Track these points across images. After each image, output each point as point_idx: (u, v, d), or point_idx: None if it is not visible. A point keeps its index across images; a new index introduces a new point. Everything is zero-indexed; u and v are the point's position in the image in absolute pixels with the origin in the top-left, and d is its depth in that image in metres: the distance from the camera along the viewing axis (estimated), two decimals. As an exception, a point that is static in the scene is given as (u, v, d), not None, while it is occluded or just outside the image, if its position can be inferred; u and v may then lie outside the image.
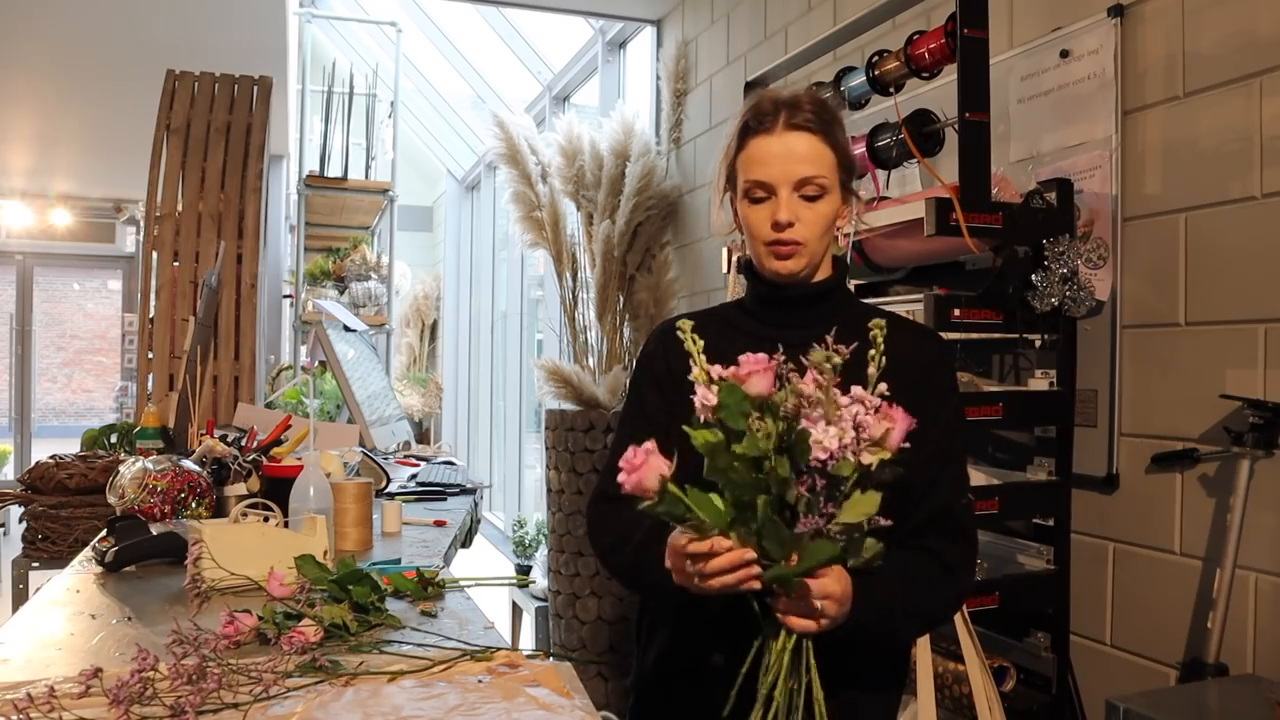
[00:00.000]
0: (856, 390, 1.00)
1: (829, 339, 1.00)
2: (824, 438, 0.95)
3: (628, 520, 1.21)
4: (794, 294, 1.27)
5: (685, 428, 0.99)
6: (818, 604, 1.01)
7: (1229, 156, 1.69)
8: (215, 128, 3.89)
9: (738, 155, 1.25)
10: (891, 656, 1.27)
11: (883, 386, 1.01)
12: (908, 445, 0.99)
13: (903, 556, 1.14)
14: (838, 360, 0.98)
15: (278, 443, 2.32)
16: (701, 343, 1.03)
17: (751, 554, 1.00)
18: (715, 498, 0.99)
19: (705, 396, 0.98)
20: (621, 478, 0.97)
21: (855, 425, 0.97)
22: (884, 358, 1.03)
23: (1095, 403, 1.92)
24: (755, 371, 0.97)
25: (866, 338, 1.19)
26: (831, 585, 1.01)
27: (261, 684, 1.04)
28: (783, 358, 1.00)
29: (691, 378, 1.01)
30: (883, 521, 0.99)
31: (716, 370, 1.00)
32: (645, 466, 0.96)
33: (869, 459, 0.96)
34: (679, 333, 1.04)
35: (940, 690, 1.77)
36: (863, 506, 0.97)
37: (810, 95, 1.25)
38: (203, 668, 1.03)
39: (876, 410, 0.98)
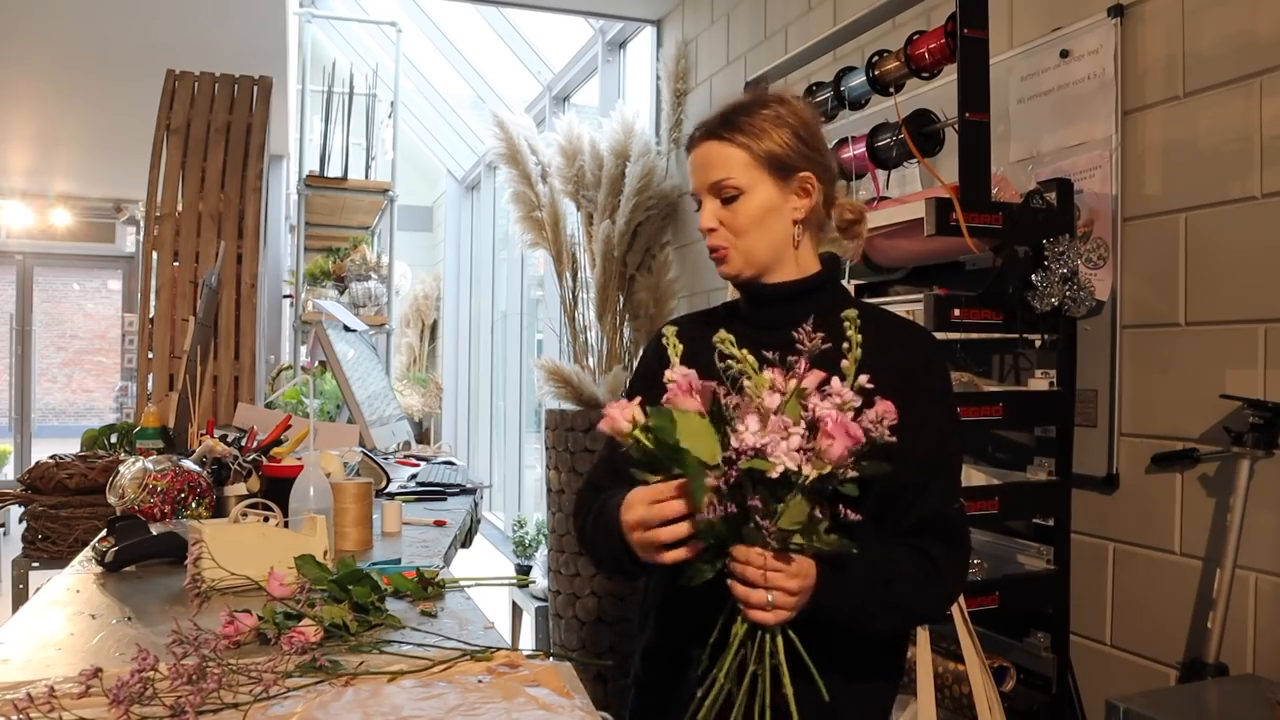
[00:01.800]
0: (835, 383, 1.00)
1: (806, 328, 1.03)
2: (743, 431, 0.97)
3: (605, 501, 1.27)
4: (772, 292, 1.27)
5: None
6: (769, 596, 1.02)
7: (1229, 156, 1.69)
8: (215, 128, 3.89)
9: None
10: (875, 649, 1.25)
11: (862, 378, 1.00)
12: (894, 439, 0.99)
13: (885, 549, 1.15)
14: (763, 378, 1.01)
15: (278, 443, 2.32)
16: (681, 347, 1.08)
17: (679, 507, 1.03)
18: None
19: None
20: (602, 424, 1.05)
21: (814, 424, 0.97)
22: (873, 356, 1.03)
23: (1095, 403, 1.92)
24: (679, 393, 1.03)
25: (864, 338, 1.20)
26: (784, 579, 1.02)
27: (261, 684, 1.04)
28: (716, 385, 1.04)
29: (665, 380, 1.06)
30: (852, 516, 0.99)
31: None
32: (620, 411, 1.05)
33: (810, 470, 0.96)
34: (663, 339, 1.10)
35: (940, 690, 1.77)
36: (795, 513, 0.98)
37: (733, 101, 1.28)
38: (203, 668, 1.03)
39: (856, 410, 0.98)
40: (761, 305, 1.29)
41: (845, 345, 1.03)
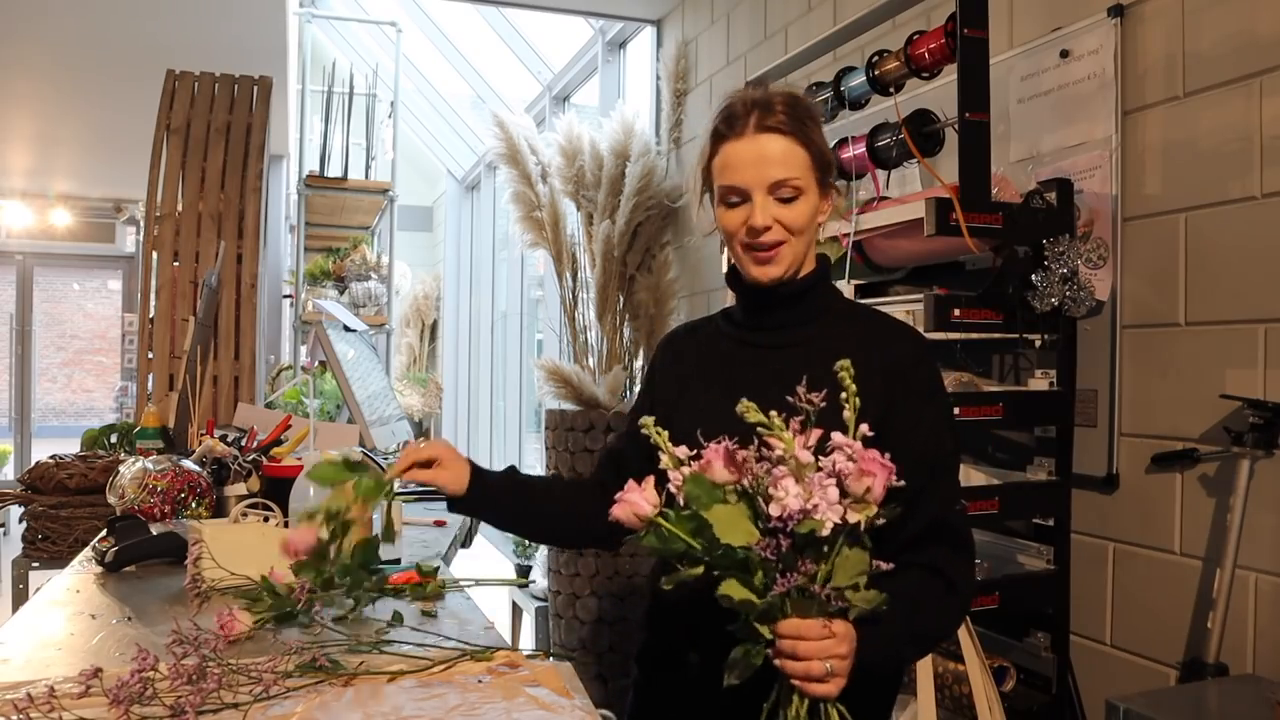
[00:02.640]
0: (837, 436, 0.96)
1: (801, 390, 0.98)
2: (784, 496, 0.93)
3: None
4: (775, 294, 1.25)
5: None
6: (826, 665, 0.96)
7: (1229, 156, 1.69)
8: (215, 128, 3.89)
9: (711, 160, 1.23)
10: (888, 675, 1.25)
11: (863, 428, 0.97)
12: (901, 484, 0.96)
13: (903, 582, 1.08)
14: (789, 438, 0.96)
15: (278, 443, 2.32)
16: (666, 433, 1.02)
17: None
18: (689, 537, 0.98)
19: (676, 479, 0.99)
20: (614, 509, 1.00)
21: (837, 476, 0.94)
22: (860, 358, 1.01)
23: (1095, 403, 1.92)
24: (713, 459, 0.98)
25: (850, 339, 1.19)
26: (835, 645, 0.97)
27: (261, 684, 1.04)
28: (735, 444, 0.99)
29: (661, 466, 1.01)
30: (883, 566, 0.96)
31: (683, 451, 1.01)
32: (635, 498, 0.99)
33: (855, 517, 0.93)
34: (642, 429, 1.03)
35: (940, 690, 1.77)
36: (853, 566, 0.95)
37: (783, 94, 1.21)
38: (203, 668, 1.03)
39: (851, 459, 0.95)
40: (759, 309, 1.27)
41: (843, 395, 0.98)
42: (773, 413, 0.97)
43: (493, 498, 1.33)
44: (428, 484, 1.30)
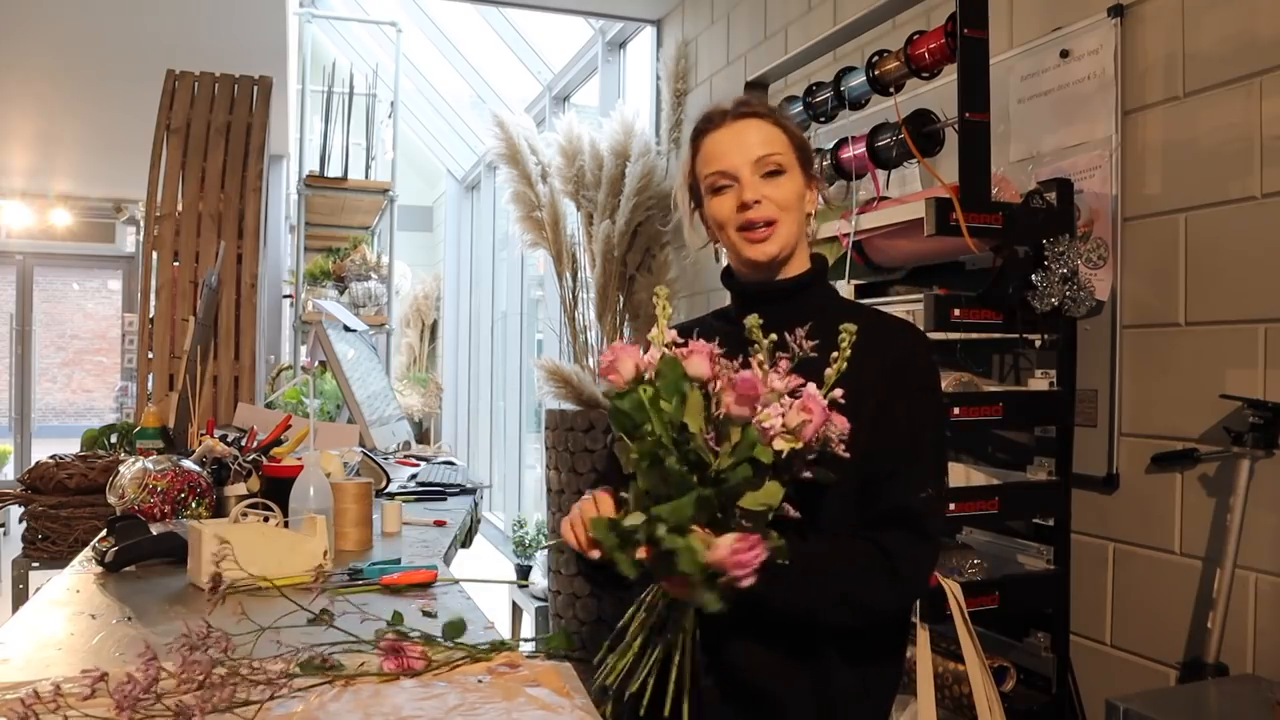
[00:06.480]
0: (810, 389, 0.99)
1: (801, 332, 1.02)
2: (729, 401, 0.95)
3: None
4: (769, 290, 1.26)
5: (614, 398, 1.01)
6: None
7: (1229, 156, 1.69)
8: (215, 128, 3.89)
9: (695, 161, 1.28)
10: (872, 638, 1.22)
11: (837, 393, 1.00)
12: (846, 455, 0.99)
13: (827, 542, 1.14)
14: (770, 340, 1.00)
15: (278, 443, 2.32)
16: (671, 312, 1.06)
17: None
18: (657, 419, 0.98)
19: (653, 359, 1.00)
20: (608, 359, 1.01)
21: (782, 403, 0.97)
22: (852, 354, 1.03)
23: (1095, 403, 1.92)
24: (696, 353, 0.99)
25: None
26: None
27: (262, 684, 1.04)
28: (721, 351, 1.01)
29: (649, 337, 1.03)
30: (791, 513, 0.98)
31: (672, 335, 1.03)
32: (621, 355, 1.00)
33: (781, 445, 0.94)
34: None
35: (940, 690, 1.77)
36: (764, 495, 0.96)
37: (754, 94, 1.30)
38: (209, 669, 1.03)
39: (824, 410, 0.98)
40: (753, 305, 1.27)
41: (834, 355, 1.01)
42: (771, 337, 1.01)
43: None
44: None
